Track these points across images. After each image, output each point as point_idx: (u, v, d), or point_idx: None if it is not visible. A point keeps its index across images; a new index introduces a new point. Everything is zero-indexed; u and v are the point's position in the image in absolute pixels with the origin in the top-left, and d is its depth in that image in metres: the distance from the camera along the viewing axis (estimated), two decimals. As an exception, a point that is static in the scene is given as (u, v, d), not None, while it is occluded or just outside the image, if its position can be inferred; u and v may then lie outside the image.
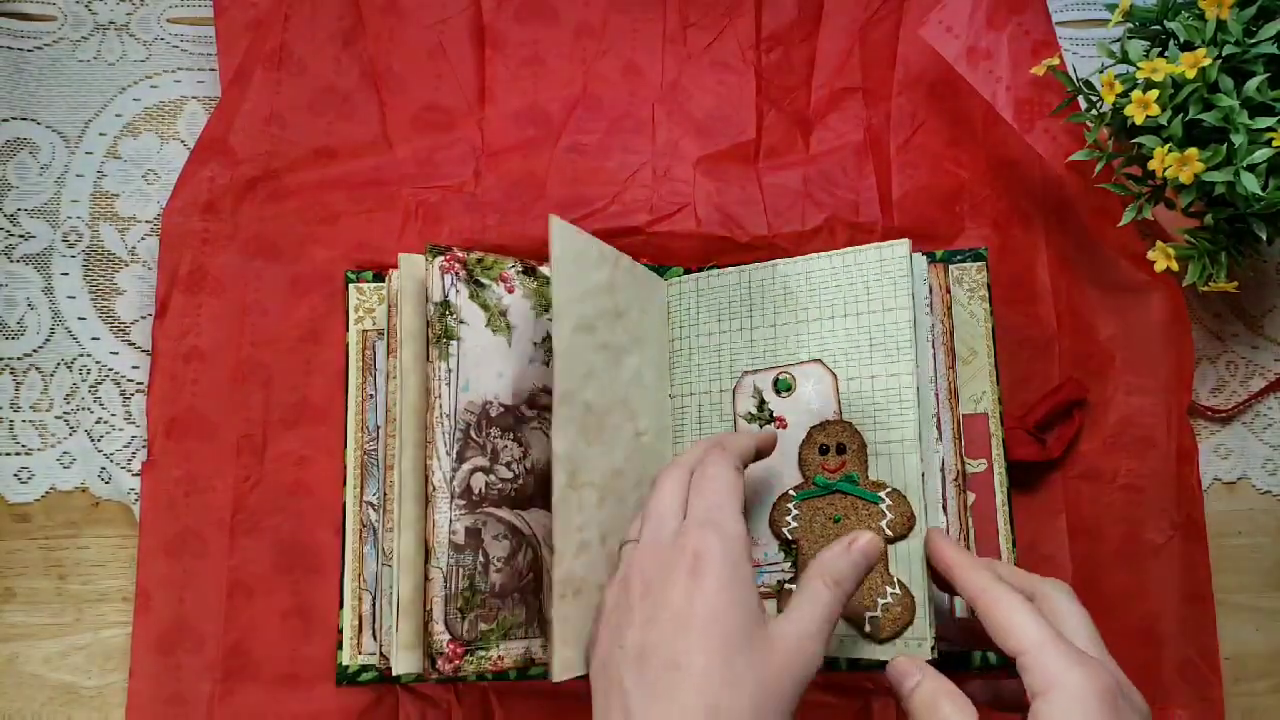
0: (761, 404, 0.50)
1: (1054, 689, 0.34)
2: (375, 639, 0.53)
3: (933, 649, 0.44)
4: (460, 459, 0.47)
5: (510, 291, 0.50)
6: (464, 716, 0.53)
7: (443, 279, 0.48)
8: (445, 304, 0.48)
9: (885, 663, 0.40)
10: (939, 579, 0.44)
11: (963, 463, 0.52)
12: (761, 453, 0.46)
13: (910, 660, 0.39)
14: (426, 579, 0.46)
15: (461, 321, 0.48)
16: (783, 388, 0.50)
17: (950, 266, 0.56)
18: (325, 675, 0.53)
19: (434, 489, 0.47)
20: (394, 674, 0.47)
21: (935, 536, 0.44)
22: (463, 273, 0.49)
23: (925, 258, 0.53)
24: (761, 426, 0.50)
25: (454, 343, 0.48)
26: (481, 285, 0.49)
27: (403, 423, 0.48)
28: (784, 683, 0.36)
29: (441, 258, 0.48)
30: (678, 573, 0.38)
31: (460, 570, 0.46)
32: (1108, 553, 0.55)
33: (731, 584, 0.37)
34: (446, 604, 0.46)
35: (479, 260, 0.50)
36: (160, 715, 0.53)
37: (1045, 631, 0.36)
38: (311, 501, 0.55)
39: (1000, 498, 0.54)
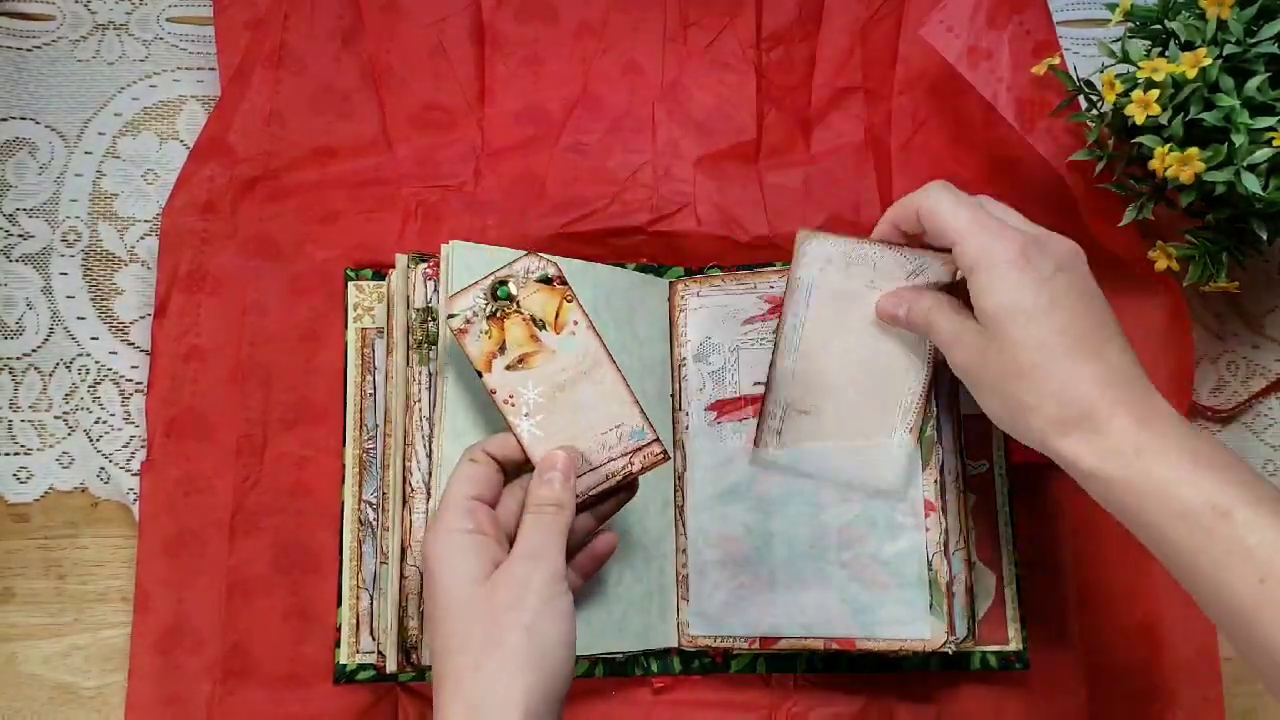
0: None
1: (979, 263, 0.42)
2: (373, 638, 0.53)
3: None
4: None
5: None
6: (464, 717, 0.53)
7: (425, 285, 0.48)
8: (426, 310, 0.48)
9: None
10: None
11: (964, 464, 0.52)
12: None
13: None
14: (402, 576, 0.46)
15: None
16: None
17: (951, 267, 0.56)
18: (325, 675, 0.53)
19: (412, 490, 0.47)
20: (391, 673, 0.47)
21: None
22: None
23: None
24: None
25: (434, 348, 0.48)
26: None
27: (399, 422, 0.48)
28: None
29: (425, 264, 0.48)
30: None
31: None
32: (1108, 553, 0.55)
33: None
34: (421, 600, 0.46)
35: None
36: (160, 715, 0.53)
37: (968, 219, 0.43)
38: (311, 501, 0.55)
39: (1001, 499, 0.54)
